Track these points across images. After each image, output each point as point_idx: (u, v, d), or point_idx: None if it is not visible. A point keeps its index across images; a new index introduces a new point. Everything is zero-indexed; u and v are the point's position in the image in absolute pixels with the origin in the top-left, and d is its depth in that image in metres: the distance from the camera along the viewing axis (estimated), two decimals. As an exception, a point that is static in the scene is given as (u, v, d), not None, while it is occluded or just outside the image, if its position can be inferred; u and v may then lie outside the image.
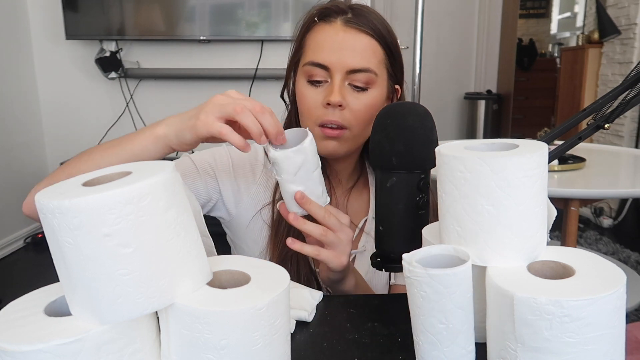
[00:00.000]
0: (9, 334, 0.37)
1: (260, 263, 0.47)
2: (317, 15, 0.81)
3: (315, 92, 0.79)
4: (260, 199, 0.86)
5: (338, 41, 0.78)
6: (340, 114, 0.78)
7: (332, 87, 0.77)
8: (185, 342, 0.40)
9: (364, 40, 0.78)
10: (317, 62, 0.78)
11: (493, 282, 0.44)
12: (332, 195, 0.88)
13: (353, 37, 0.78)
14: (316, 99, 0.79)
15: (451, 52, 4.35)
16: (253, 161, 0.87)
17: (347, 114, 0.78)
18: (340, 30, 0.78)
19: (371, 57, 0.78)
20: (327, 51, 0.78)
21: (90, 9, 2.88)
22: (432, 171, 0.68)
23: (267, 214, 0.85)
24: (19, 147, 2.96)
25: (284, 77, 0.88)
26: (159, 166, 0.42)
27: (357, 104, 0.78)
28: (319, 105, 0.79)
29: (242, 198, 0.85)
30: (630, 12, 3.17)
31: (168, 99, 3.17)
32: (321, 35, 0.80)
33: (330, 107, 0.77)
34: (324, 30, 0.80)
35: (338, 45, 0.77)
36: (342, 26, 0.78)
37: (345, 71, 0.77)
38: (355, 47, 0.77)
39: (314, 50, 0.79)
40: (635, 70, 0.69)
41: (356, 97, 0.78)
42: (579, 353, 0.40)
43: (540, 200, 0.47)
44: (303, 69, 0.81)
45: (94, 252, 0.37)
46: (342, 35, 0.78)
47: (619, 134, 3.26)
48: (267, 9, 2.91)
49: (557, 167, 1.74)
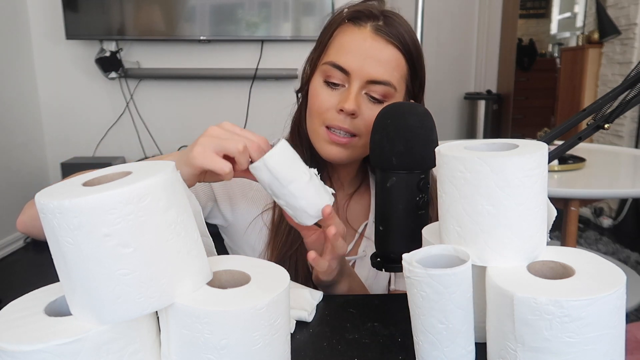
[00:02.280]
0: (9, 334, 0.37)
1: (260, 263, 0.47)
2: (347, 16, 0.78)
3: (330, 95, 0.77)
4: (260, 202, 0.84)
5: (365, 48, 0.75)
6: (351, 122, 0.76)
7: (349, 93, 0.75)
8: (185, 342, 0.40)
9: (390, 51, 0.75)
10: (338, 64, 0.75)
11: (493, 282, 0.44)
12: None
13: (380, 46, 0.75)
14: (330, 102, 0.77)
15: (451, 52, 4.35)
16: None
17: (359, 123, 0.76)
18: (369, 37, 0.75)
19: (394, 70, 0.76)
20: (350, 55, 0.75)
21: (91, 9, 2.88)
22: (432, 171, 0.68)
23: (267, 216, 0.83)
24: (19, 147, 2.96)
25: (293, 85, 0.85)
26: (159, 166, 0.42)
27: (370, 114, 0.75)
28: (331, 109, 0.76)
29: (238, 203, 0.84)
30: (630, 12, 3.17)
31: (168, 99, 3.17)
32: (348, 38, 0.77)
33: (343, 113, 0.75)
34: (352, 33, 0.77)
35: (364, 52, 0.75)
36: (371, 33, 0.75)
37: (365, 80, 0.75)
38: (380, 57, 0.75)
39: (338, 51, 0.77)
40: (635, 71, 0.69)
41: (370, 108, 0.76)
42: (579, 353, 0.40)
43: (540, 200, 0.47)
44: (322, 67, 0.78)
45: (94, 252, 0.37)
46: (370, 42, 0.75)
47: (619, 134, 3.26)
48: (267, 9, 2.91)
49: (557, 167, 1.74)
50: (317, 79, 0.79)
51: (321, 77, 0.78)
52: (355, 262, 0.87)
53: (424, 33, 1.96)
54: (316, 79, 0.79)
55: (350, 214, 0.88)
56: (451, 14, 4.30)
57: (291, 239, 0.79)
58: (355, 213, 0.89)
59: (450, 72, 4.39)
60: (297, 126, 0.85)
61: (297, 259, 0.80)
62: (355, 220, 0.88)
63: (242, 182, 0.83)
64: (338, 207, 0.88)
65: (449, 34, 4.32)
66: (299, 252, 0.79)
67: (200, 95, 3.16)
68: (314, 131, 0.79)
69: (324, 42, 0.80)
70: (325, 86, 0.77)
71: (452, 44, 4.34)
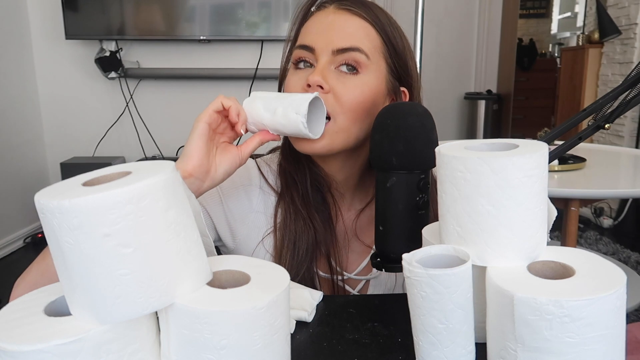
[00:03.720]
0: (9, 334, 0.37)
1: (260, 263, 0.47)
2: (311, 5, 0.76)
3: (298, 77, 0.72)
4: (261, 227, 0.79)
5: (327, 22, 0.71)
6: (323, 98, 0.68)
7: (315, 68, 0.70)
8: (185, 342, 0.40)
9: (355, 21, 0.71)
10: (302, 44, 0.72)
11: (493, 282, 0.44)
12: (337, 217, 0.80)
13: (344, 18, 0.71)
14: (297, 84, 0.71)
15: (451, 52, 4.34)
16: (247, 186, 0.80)
17: (332, 100, 0.69)
18: (331, 13, 0.72)
19: (363, 38, 0.70)
20: (314, 32, 0.71)
21: (90, 8, 2.88)
22: (432, 171, 0.68)
23: (268, 242, 0.78)
24: (19, 147, 2.96)
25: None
26: (159, 166, 0.42)
27: (343, 88, 0.69)
28: (298, 90, 0.70)
29: (238, 230, 0.79)
30: (630, 12, 3.17)
31: (168, 98, 3.17)
32: (312, 21, 0.74)
33: (311, 89, 0.68)
34: (315, 16, 0.74)
35: (325, 26, 0.71)
36: (334, 9, 0.72)
37: (330, 51, 0.69)
38: (344, 27, 0.70)
39: (303, 35, 0.74)
40: (635, 71, 0.69)
41: (343, 82, 0.69)
42: (579, 353, 0.40)
43: (541, 200, 0.47)
44: (292, 57, 0.74)
45: (94, 252, 0.37)
46: (332, 16, 0.71)
47: (619, 134, 3.27)
48: (267, 9, 2.91)
49: (557, 167, 1.74)
50: (290, 71, 0.75)
51: (292, 67, 0.74)
52: (369, 282, 0.81)
53: (424, 33, 1.96)
54: (290, 72, 0.75)
55: (360, 229, 0.81)
56: (451, 14, 4.29)
57: (296, 263, 0.75)
58: (365, 228, 0.82)
59: (450, 72, 4.38)
60: (288, 142, 0.79)
61: (304, 284, 0.74)
62: (367, 236, 0.81)
63: (240, 206, 0.79)
64: (344, 222, 0.81)
65: (449, 34, 4.31)
66: (305, 276, 0.75)
67: (200, 95, 3.16)
68: None
69: (293, 37, 0.77)
70: (295, 71, 0.73)
71: (452, 44, 4.34)
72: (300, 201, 0.77)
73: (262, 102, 0.68)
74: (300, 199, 0.77)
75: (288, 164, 0.80)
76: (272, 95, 0.69)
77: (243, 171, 0.80)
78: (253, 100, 0.69)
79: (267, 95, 0.69)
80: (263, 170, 0.82)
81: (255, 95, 0.70)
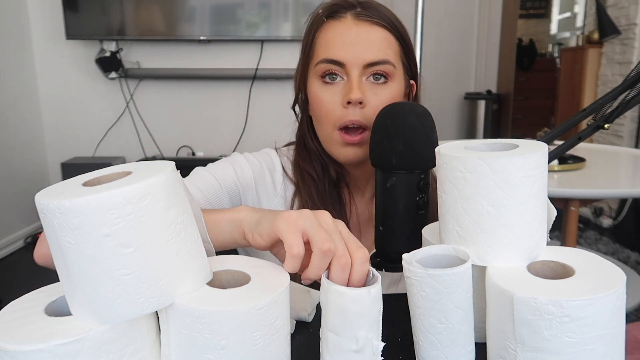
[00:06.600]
0: (9, 334, 0.37)
1: (260, 263, 0.47)
2: (324, 14, 0.77)
3: (332, 93, 0.75)
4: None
5: (351, 36, 0.74)
6: (361, 112, 0.73)
7: (351, 84, 0.73)
8: (185, 342, 0.40)
9: (378, 32, 0.74)
10: (330, 59, 0.74)
11: (493, 282, 0.44)
12: (352, 206, 0.84)
13: (366, 30, 0.74)
14: (334, 100, 0.75)
15: (451, 52, 4.34)
16: (272, 170, 0.83)
17: (368, 112, 0.73)
18: (353, 25, 0.74)
19: (387, 48, 0.74)
20: (339, 46, 0.74)
21: (91, 9, 2.88)
22: (432, 171, 0.68)
23: None
24: (19, 147, 2.96)
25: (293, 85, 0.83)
26: (159, 166, 0.42)
27: (377, 100, 0.74)
28: (337, 106, 0.74)
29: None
30: (630, 12, 3.17)
31: (168, 99, 3.17)
32: (332, 32, 0.75)
33: (351, 106, 0.73)
34: (334, 27, 0.75)
35: (351, 40, 0.73)
36: (353, 20, 0.74)
37: (362, 66, 0.73)
38: (369, 40, 0.74)
39: (326, 48, 0.75)
40: (635, 71, 0.69)
41: (375, 93, 0.74)
42: (579, 353, 0.40)
43: (540, 200, 0.47)
44: (316, 69, 0.76)
45: (94, 252, 0.37)
46: (355, 29, 0.74)
47: (619, 134, 3.26)
48: (267, 9, 2.91)
49: (557, 167, 1.74)
50: (313, 83, 0.77)
51: (318, 80, 0.76)
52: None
53: (424, 33, 1.96)
54: (313, 84, 0.77)
55: (372, 218, 0.84)
56: (451, 14, 4.29)
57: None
58: None
59: (450, 72, 4.38)
60: (303, 141, 0.84)
61: None
62: None
63: (267, 191, 0.82)
64: (358, 213, 0.85)
65: (449, 34, 4.31)
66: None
67: (200, 95, 3.16)
68: (327, 137, 0.77)
69: (308, 45, 0.79)
70: (324, 85, 0.76)
71: (452, 44, 4.34)
72: (318, 199, 0.80)
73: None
74: (318, 197, 0.80)
75: (303, 161, 0.83)
76: None
77: (267, 158, 0.84)
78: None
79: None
80: (283, 160, 0.85)
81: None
